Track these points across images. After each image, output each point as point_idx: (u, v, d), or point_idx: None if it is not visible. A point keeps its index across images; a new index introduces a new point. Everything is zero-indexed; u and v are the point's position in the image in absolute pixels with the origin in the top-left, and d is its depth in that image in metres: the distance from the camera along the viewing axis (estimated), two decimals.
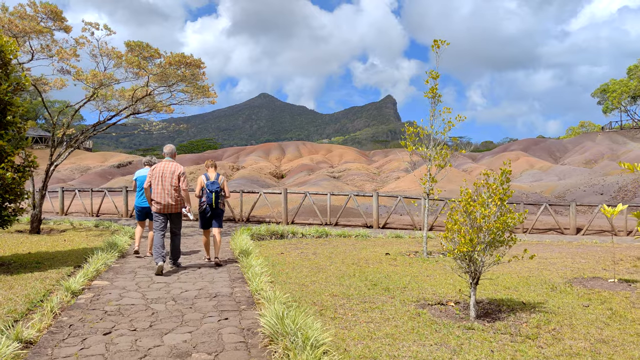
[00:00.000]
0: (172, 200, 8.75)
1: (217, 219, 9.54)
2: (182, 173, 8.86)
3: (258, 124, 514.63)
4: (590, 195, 27.31)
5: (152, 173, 8.81)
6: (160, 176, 8.74)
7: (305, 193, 17.11)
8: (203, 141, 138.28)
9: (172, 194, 8.72)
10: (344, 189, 36.61)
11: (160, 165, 8.92)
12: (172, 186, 8.73)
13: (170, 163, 8.95)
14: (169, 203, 8.74)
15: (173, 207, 8.81)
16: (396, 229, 16.70)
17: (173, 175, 8.76)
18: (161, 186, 8.72)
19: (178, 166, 8.93)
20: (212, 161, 9.90)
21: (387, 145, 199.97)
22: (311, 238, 13.93)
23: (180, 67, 13.36)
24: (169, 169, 8.81)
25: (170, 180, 8.73)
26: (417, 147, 11.49)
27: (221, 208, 9.57)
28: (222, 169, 49.53)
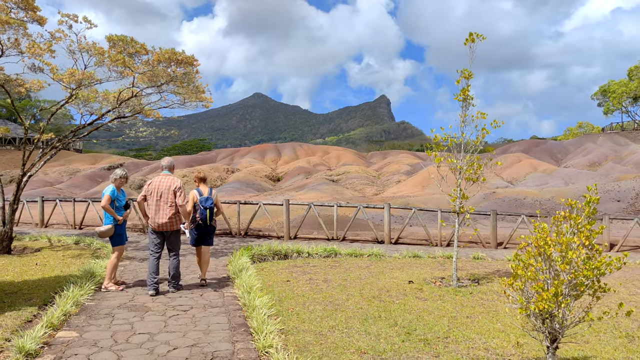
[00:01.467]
0: (167, 219, 8.22)
1: (209, 237, 9.18)
2: (179, 188, 8.29)
3: (252, 124, 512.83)
4: (606, 202, 25.90)
5: (148, 188, 8.32)
6: (156, 192, 8.23)
7: (310, 204, 15.56)
8: (197, 141, 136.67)
9: (167, 212, 8.19)
10: (345, 194, 35.06)
11: (156, 180, 8.38)
12: (169, 202, 8.20)
13: (167, 177, 8.39)
14: (166, 222, 8.22)
15: (168, 225, 8.28)
16: (410, 244, 15.15)
17: (169, 191, 8.22)
18: (157, 202, 8.20)
19: (175, 180, 8.37)
20: (201, 173, 9.31)
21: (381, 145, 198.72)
22: (318, 258, 12.37)
23: (171, 65, 11.75)
24: (165, 184, 8.28)
25: (167, 196, 8.20)
26: (445, 158, 9.96)
27: (214, 225, 9.19)
28: (217, 171, 47.89)
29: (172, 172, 8.60)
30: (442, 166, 10.05)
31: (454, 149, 10.02)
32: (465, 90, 9.73)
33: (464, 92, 9.73)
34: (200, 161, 57.20)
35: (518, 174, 47.70)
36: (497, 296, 8.61)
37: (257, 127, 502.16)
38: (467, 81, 9.78)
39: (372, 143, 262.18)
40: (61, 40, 11.57)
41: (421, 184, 37.62)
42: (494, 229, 14.76)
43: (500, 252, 13.98)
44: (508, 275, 10.36)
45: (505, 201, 25.73)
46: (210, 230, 9.13)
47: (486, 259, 12.65)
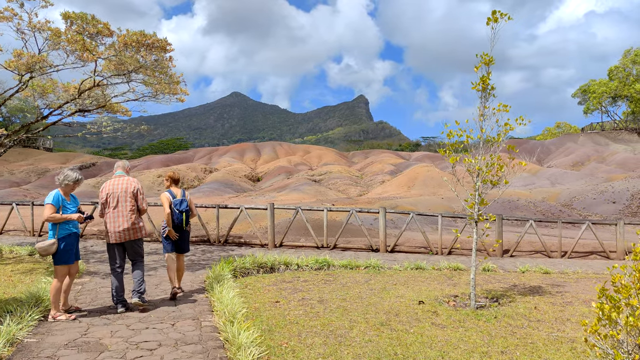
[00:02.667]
0: (129, 226, 7.24)
1: (185, 243, 8.43)
2: (139, 190, 7.42)
3: (230, 123, 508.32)
4: (601, 204, 24.99)
5: (102, 195, 7.32)
6: (112, 197, 7.24)
7: (297, 208, 14.07)
8: (174, 140, 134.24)
9: (128, 218, 7.23)
10: (328, 195, 33.63)
11: (110, 184, 7.39)
12: (129, 207, 7.24)
13: (122, 179, 7.43)
14: (126, 231, 7.22)
15: (131, 234, 7.28)
16: (408, 252, 13.79)
17: (127, 194, 7.27)
18: (115, 211, 7.21)
19: (132, 182, 7.44)
20: (174, 174, 8.54)
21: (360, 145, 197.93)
22: (309, 271, 10.91)
23: (140, 49, 10.15)
24: (122, 187, 7.31)
25: (125, 200, 7.24)
26: (459, 158, 8.60)
27: (188, 230, 8.50)
28: (194, 171, 46.03)
29: (127, 174, 7.67)
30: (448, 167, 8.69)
31: (471, 147, 8.67)
32: (486, 79, 8.37)
33: (484, 80, 8.37)
34: (176, 160, 55.19)
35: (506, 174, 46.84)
36: (527, 321, 7.26)
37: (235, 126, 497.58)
38: (487, 68, 8.42)
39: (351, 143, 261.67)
40: (10, 21, 9.87)
41: (407, 184, 36.41)
42: (500, 235, 13.47)
43: (508, 262, 12.70)
44: (530, 293, 9.06)
45: (498, 203, 24.61)
46: (186, 236, 8.41)
47: (497, 270, 11.34)
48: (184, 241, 8.38)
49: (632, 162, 49.22)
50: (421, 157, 58.88)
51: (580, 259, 13.51)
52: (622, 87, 70.20)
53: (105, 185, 7.42)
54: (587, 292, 9.28)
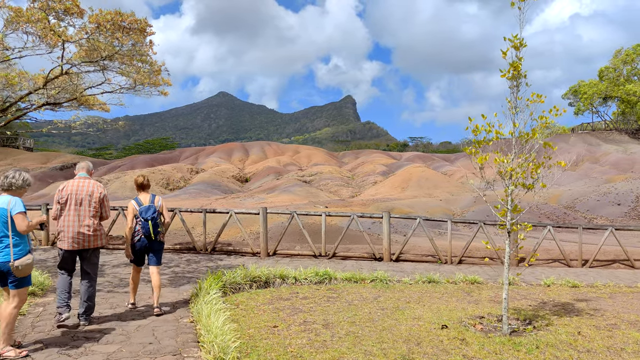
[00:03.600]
0: (89, 232, 6.58)
1: (156, 254, 7.46)
2: (105, 196, 6.78)
3: (217, 123, 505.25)
4: (605, 205, 24.02)
5: (62, 194, 6.56)
6: (74, 198, 6.54)
7: (292, 213, 12.79)
8: (160, 140, 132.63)
9: (89, 223, 6.57)
10: (320, 196, 32.38)
11: (72, 184, 6.66)
12: (92, 212, 6.60)
13: (85, 181, 6.72)
14: (85, 236, 6.54)
15: (91, 240, 6.61)
16: (414, 261, 12.58)
17: (92, 198, 6.62)
18: (75, 213, 6.53)
19: (97, 186, 6.77)
20: (144, 178, 7.58)
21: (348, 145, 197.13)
22: (309, 286, 9.64)
23: (115, 32, 8.82)
24: (86, 190, 6.63)
25: (88, 205, 6.58)
26: (486, 157, 7.42)
27: (160, 241, 7.48)
28: (180, 172, 44.53)
29: (90, 176, 6.95)
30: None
31: (501, 145, 7.48)
32: (518, 65, 7.17)
33: (515, 67, 7.17)
34: (162, 160, 53.57)
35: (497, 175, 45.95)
36: (576, 352, 6.07)
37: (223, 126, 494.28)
38: (517, 52, 7.22)
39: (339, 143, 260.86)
40: None
41: (400, 185, 35.28)
42: (515, 242, 12.32)
43: (527, 272, 11.54)
44: (565, 312, 7.88)
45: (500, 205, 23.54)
46: (156, 247, 7.43)
47: (519, 283, 10.17)
48: (156, 251, 7.45)
49: (626, 163, 48.65)
50: (412, 157, 57.86)
51: (603, 268, 12.40)
52: (613, 88, 69.89)
53: (66, 184, 6.67)
54: (630, 311, 8.14)
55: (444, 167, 49.27)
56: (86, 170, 6.86)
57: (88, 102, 11.49)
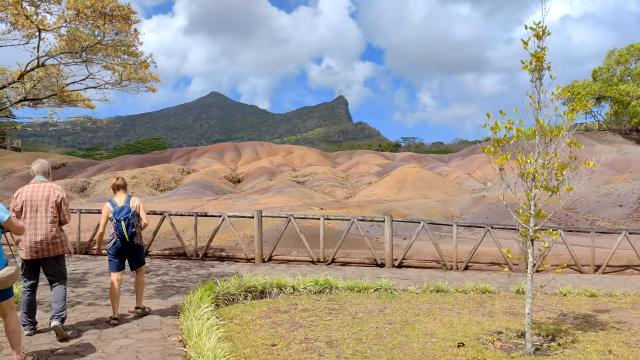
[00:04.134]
0: (48, 240, 6.13)
1: (133, 258, 7.13)
2: (62, 199, 6.35)
3: (209, 123, 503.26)
4: (607, 207, 23.49)
5: (16, 201, 6.20)
6: (30, 204, 6.14)
7: (289, 216, 12.08)
8: (151, 140, 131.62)
9: (47, 230, 6.15)
10: (314, 197, 31.67)
11: (28, 189, 6.25)
12: (49, 217, 6.18)
13: (42, 185, 6.30)
14: (43, 244, 6.12)
15: (50, 249, 6.19)
16: (418, 267, 11.91)
17: (48, 202, 6.22)
18: (32, 221, 6.12)
19: (55, 189, 6.36)
20: (118, 179, 7.31)
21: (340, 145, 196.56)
22: (309, 296, 8.94)
23: (96, 20, 8.07)
24: (42, 194, 6.22)
25: (45, 209, 6.18)
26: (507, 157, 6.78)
27: (137, 244, 7.12)
28: (171, 172, 43.64)
29: (48, 178, 6.46)
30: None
31: (521, 143, 6.84)
32: (541, 56, 6.51)
33: (538, 57, 6.51)
34: (152, 161, 52.61)
35: (492, 175, 45.48)
36: None
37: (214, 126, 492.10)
38: (540, 41, 6.55)
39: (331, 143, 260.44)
40: None
41: (396, 186, 34.64)
42: (523, 248, 11.68)
43: (538, 279, 10.89)
44: (589, 326, 7.22)
45: (500, 207, 22.92)
46: (133, 250, 7.08)
47: (535, 293, 9.50)
48: (133, 254, 7.12)
49: (622, 163, 48.31)
50: (406, 157, 57.27)
51: (616, 274, 11.80)
52: (607, 88, 69.79)
53: (21, 191, 6.25)
54: None
55: (438, 167, 48.73)
56: (42, 173, 6.37)
57: (71, 99, 10.71)
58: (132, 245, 7.02)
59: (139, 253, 7.18)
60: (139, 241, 7.15)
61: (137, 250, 7.13)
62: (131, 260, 7.14)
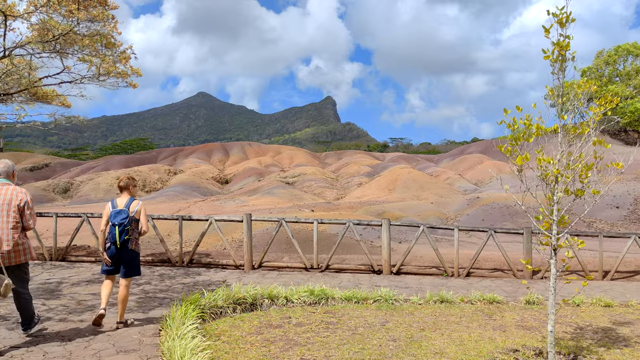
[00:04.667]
0: (8, 247, 5.65)
1: (127, 265, 6.74)
2: (27, 203, 5.86)
3: (196, 124, 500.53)
4: (603, 208, 23.06)
5: None
6: None
7: (280, 220, 11.37)
8: (138, 140, 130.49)
9: (11, 236, 5.67)
10: (304, 199, 30.95)
11: None
12: (11, 223, 5.70)
13: (5, 188, 5.82)
14: (7, 250, 5.63)
15: (11, 257, 5.70)
16: (417, 274, 11.25)
17: (10, 207, 5.72)
18: None
19: (18, 191, 5.86)
20: (127, 178, 6.91)
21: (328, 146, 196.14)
22: (303, 308, 8.25)
23: (70, 4, 7.29)
24: (2, 198, 5.74)
25: (6, 216, 5.69)
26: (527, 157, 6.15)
27: (132, 249, 6.73)
28: (157, 173, 42.69)
29: (12, 181, 6.02)
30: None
31: (542, 143, 6.21)
32: (565, 45, 5.87)
33: (561, 47, 5.87)
34: (138, 161, 51.55)
35: (483, 176, 45.13)
36: None
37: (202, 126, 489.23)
38: (563, 29, 5.91)
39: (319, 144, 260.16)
40: None
41: (387, 187, 34.03)
42: (529, 252, 11.07)
43: (544, 286, 10.29)
44: (611, 341, 6.61)
45: (495, 208, 22.37)
46: (127, 256, 6.68)
47: (544, 302, 8.89)
48: (126, 262, 6.71)
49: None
50: (396, 158, 56.77)
51: (626, 280, 11.23)
52: (596, 89, 69.83)
53: None
54: None
55: (428, 168, 48.25)
56: (6, 175, 5.94)
57: (44, 95, 9.91)
58: (126, 251, 6.64)
59: (132, 260, 6.77)
60: (134, 247, 6.74)
61: (131, 257, 6.72)
62: (124, 267, 6.72)
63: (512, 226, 20.75)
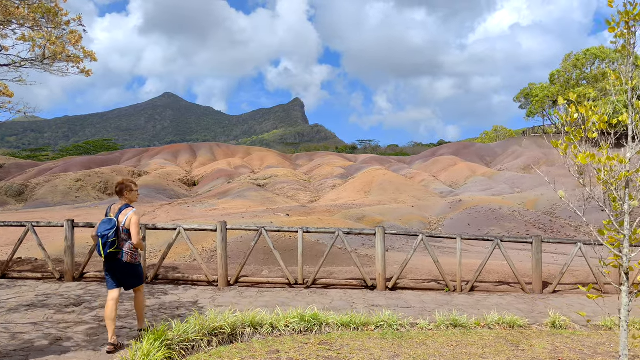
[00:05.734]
0: None
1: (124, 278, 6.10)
2: None
3: (162, 125, 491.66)
4: (590, 211, 22.32)
5: None
6: None
7: (260, 229, 9.93)
8: (101, 141, 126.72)
9: None
10: (277, 202, 29.48)
11: None
12: None
13: None
14: None
15: None
16: (415, 289, 9.97)
17: None
18: None
19: None
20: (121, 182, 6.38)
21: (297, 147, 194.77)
22: (293, 337, 6.85)
23: None
24: None
25: None
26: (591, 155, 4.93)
27: (126, 262, 6.01)
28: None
29: None
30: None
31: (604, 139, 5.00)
32: (636, 16, 4.64)
33: (630, 17, 4.65)
34: (100, 162, 49.07)
35: (457, 178, 44.51)
36: None
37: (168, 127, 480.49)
38: (634, 22, 4.68)
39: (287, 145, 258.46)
40: None
41: (362, 189, 32.85)
42: (538, 264, 9.91)
43: (558, 302, 9.14)
44: None
45: (480, 212, 21.38)
46: (121, 270, 6.10)
47: (572, 325, 7.71)
48: (122, 276, 6.15)
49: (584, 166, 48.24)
50: (368, 159, 55.79)
51: None
52: (564, 91, 70.87)
53: None
54: None
55: (402, 169, 47.38)
56: None
57: None
58: (120, 264, 6.05)
59: (130, 273, 6.17)
60: (130, 259, 6.09)
61: (126, 270, 6.12)
62: (122, 280, 6.17)
63: (500, 231, 19.86)
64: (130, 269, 6.18)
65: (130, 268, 6.16)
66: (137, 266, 6.29)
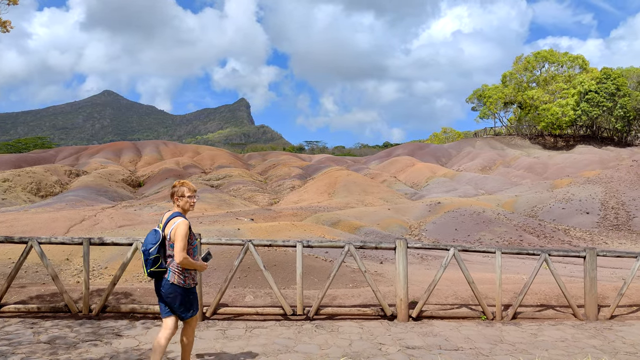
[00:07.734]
0: None
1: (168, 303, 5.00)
2: None
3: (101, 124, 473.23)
4: (573, 214, 21.12)
5: None
6: None
7: (245, 242, 7.52)
8: (34, 139, 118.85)
9: None
10: (235, 204, 26.85)
11: None
12: None
13: None
14: None
15: None
16: (445, 318, 7.82)
17: None
18: None
19: None
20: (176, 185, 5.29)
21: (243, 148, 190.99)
22: None
23: None
24: None
25: None
26: None
27: (173, 283, 4.93)
28: (55, 174, 36.59)
29: None
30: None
31: None
32: None
33: None
34: (32, 161, 44.61)
35: (418, 179, 43.20)
36: None
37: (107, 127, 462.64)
38: None
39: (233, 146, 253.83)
40: None
41: (326, 190, 30.73)
42: (593, 284, 7.99)
43: (628, 331, 7.23)
44: None
45: (465, 216, 19.64)
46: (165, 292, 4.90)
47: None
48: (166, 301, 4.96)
49: (539, 167, 48.27)
50: (324, 159, 53.82)
51: None
52: (516, 93, 71.63)
53: None
54: None
55: (362, 170, 45.66)
56: None
57: None
58: (166, 285, 4.91)
59: (173, 297, 4.94)
60: (176, 280, 4.91)
61: (168, 293, 4.92)
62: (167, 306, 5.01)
63: (491, 236, 18.17)
64: (176, 293, 4.94)
65: (175, 291, 4.93)
66: (187, 290, 4.98)
